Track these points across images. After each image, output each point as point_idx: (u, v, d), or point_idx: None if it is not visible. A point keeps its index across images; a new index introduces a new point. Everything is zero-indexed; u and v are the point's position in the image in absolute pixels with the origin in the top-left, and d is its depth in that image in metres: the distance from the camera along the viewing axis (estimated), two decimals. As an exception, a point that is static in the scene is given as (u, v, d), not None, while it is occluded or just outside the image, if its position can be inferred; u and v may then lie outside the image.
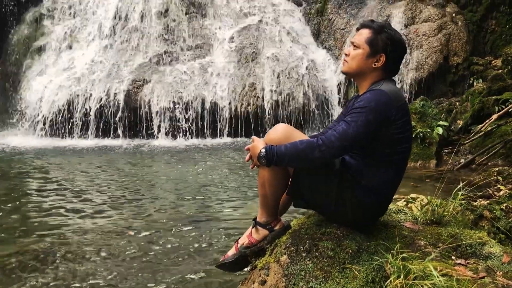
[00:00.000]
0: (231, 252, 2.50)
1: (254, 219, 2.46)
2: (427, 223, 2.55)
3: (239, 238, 2.52)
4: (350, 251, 2.12)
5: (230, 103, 9.49)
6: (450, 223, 2.63)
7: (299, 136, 2.27)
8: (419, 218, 2.58)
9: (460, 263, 2.14)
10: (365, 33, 2.34)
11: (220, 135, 9.41)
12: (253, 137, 2.36)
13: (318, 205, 2.35)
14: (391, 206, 2.73)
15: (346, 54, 2.38)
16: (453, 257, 2.19)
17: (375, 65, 2.33)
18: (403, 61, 10.00)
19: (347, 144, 2.13)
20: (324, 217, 2.38)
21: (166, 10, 10.65)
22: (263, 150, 2.20)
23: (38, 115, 9.31)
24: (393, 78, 2.45)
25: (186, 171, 6.51)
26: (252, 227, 2.46)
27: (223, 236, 3.77)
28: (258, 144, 2.27)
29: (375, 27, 2.34)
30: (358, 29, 2.41)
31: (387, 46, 2.32)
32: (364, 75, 2.36)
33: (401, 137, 2.26)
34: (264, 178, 2.30)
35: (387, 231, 2.36)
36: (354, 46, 2.35)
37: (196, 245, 3.58)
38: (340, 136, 2.12)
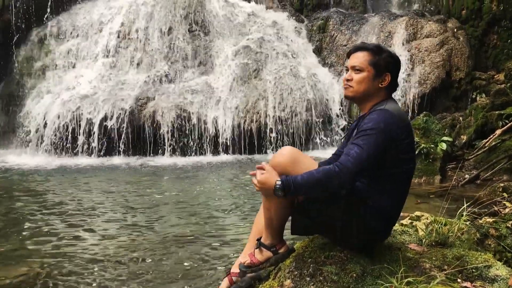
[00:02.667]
0: (224, 285, 2.46)
1: (258, 239, 2.43)
2: (431, 245, 2.53)
3: (230, 269, 2.49)
4: (355, 275, 2.10)
5: (233, 120, 9.50)
6: (455, 243, 2.60)
7: (305, 159, 2.25)
8: (424, 240, 2.56)
9: (466, 286, 2.12)
10: (364, 55, 2.35)
11: (222, 152, 9.40)
12: (265, 165, 2.26)
13: (324, 228, 2.32)
14: (395, 226, 2.71)
15: (348, 80, 2.37)
16: (458, 280, 2.16)
17: (381, 85, 2.35)
18: (406, 77, 10.08)
19: (362, 167, 2.14)
20: (328, 239, 2.36)
21: (169, 29, 10.74)
22: (279, 182, 2.14)
23: (42, 134, 9.34)
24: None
25: (188, 189, 6.50)
26: (256, 248, 2.43)
27: (226, 257, 3.74)
28: (272, 175, 2.19)
29: (373, 49, 2.36)
30: (350, 54, 2.42)
31: (390, 65, 2.36)
32: (370, 97, 2.36)
33: (406, 157, 2.27)
34: (269, 202, 2.28)
35: (392, 253, 2.33)
36: (356, 70, 2.34)
37: (200, 266, 3.55)
38: (355, 161, 2.12)
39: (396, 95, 10.10)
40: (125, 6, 11.01)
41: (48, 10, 11.13)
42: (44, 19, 11.16)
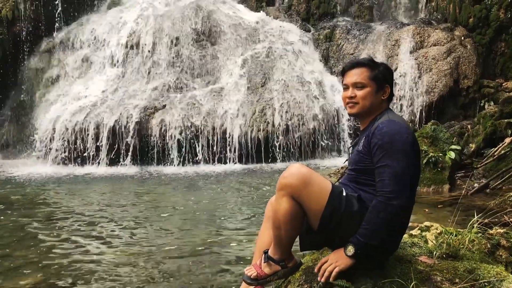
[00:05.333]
0: None
1: (266, 252, 2.41)
2: (442, 257, 2.50)
3: None
4: (365, 288, 2.08)
5: (240, 129, 9.51)
6: (466, 255, 2.58)
7: (315, 176, 2.23)
8: (435, 252, 2.53)
9: (478, 300, 2.09)
10: (363, 71, 2.38)
11: (230, 161, 9.40)
12: (323, 259, 2.25)
13: (338, 244, 2.31)
14: (406, 239, 2.69)
15: (351, 97, 2.38)
16: (470, 294, 2.14)
17: (383, 97, 2.41)
18: (413, 85, 10.06)
19: (405, 182, 2.16)
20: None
21: (177, 39, 10.81)
22: (351, 249, 2.15)
23: (51, 144, 9.41)
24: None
25: (196, 199, 6.50)
26: (264, 261, 2.41)
27: (234, 268, 3.73)
28: (337, 254, 2.21)
29: (370, 63, 2.41)
30: (345, 71, 2.44)
31: (388, 76, 2.41)
32: (374, 111, 2.39)
33: (417, 165, 2.29)
34: (279, 221, 2.25)
35: (402, 266, 2.31)
36: (358, 86, 2.37)
37: (208, 275, 3.54)
38: (393, 181, 2.15)
39: (404, 104, 10.08)
40: (133, 16, 11.12)
41: (58, 21, 11.26)
42: (54, 30, 11.29)
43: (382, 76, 2.38)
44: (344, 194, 2.24)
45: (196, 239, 4.55)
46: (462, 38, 10.62)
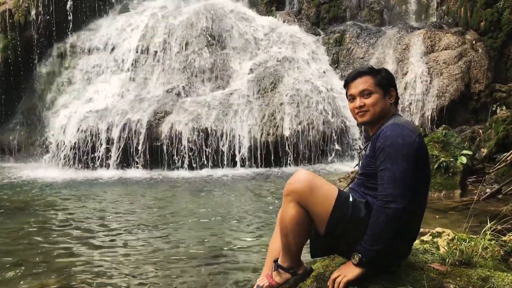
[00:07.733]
0: None
1: (275, 261, 2.42)
2: (455, 264, 2.47)
3: None
4: (377, 296, 2.06)
5: (249, 133, 9.50)
6: (480, 263, 2.54)
7: (321, 182, 2.23)
8: (447, 259, 2.50)
9: (492, 309, 2.06)
10: (367, 79, 2.40)
11: (239, 166, 9.38)
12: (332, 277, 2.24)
13: (347, 251, 2.29)
14: (417, 246, 2.66)
15: (361, 106, 2.38)
16: (484, 302, 2.11)
17: (390, 101, 2.42)
18: (424, 90, 9.99)
19: (405, 185, 2.14)
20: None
21: (187, 43, 10.86)
22: (357, 258, 2.16)
23: (62, 147, 9.47)
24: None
25: (205, 203, 6.49)
26: (274, 270, 2.41)
27: (245, 274, 3.71)
28: (345, 267, 2.21)
29: (372, 71, 2.43)
30: (348, 83, 2.46)
31: (390, 80, 2.44)
32: (383, 116, 2.39)
33: (423, 167, 2.27)
34: (287, 228, 2.25)
35: (414, 273, 2.28)
36: (366, 94, 2.38)
37: (217, 283, 3.53)
38: (393, 184, 2.14)
39: (414, 108, 10.02)
40: (144, 21, 11.19)
41: (69, 25, 11.36)
42: (65, 34, 11.39)
43: (386, 81, 2.40)
44: (351, 199, 2.24)
45: (205, 245, 4.53)
46: (474, 42, 10.54)
